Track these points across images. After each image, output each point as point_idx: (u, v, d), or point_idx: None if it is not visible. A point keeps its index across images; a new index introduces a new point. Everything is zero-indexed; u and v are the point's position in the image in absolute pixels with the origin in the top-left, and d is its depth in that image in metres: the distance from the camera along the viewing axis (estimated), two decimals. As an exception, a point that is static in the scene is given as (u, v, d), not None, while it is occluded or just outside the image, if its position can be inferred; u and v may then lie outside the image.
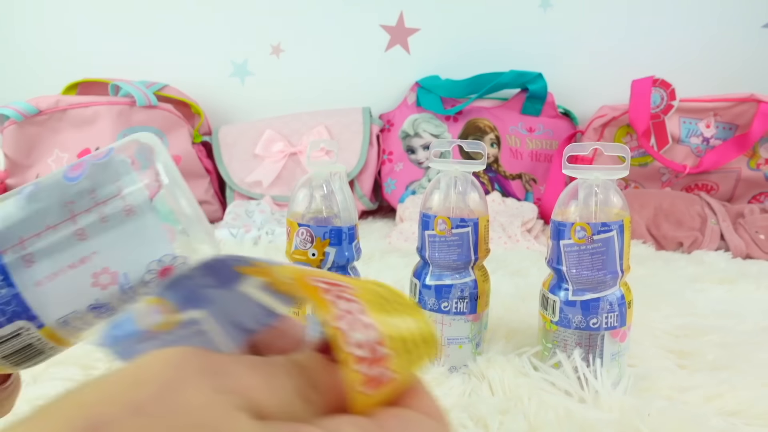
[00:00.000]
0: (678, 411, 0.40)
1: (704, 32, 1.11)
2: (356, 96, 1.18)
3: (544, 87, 1.06)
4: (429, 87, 1.12)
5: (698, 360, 0.48)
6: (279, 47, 1.18)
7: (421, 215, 0.47)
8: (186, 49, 1.17)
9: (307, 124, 1.11)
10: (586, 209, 0.42)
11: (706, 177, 0.99)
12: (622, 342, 0.43)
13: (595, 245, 0.41)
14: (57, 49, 1.17)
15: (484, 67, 1.11)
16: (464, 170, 0.46)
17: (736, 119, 0.97)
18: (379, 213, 1.15)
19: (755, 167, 0.97)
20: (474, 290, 0.46)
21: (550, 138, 1.08)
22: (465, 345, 0.47)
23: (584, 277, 0.42)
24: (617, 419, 0.39)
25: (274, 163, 1.08)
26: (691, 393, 0.43)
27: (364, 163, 1.08)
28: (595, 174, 0.42)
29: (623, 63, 1.12)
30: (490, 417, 0.39)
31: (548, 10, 1.13)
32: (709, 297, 0.64)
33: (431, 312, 0.46)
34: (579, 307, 0.42)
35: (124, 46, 1.17)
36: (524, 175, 1.08)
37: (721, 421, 0.39)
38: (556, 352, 0.44)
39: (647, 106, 0.97)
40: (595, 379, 0.42)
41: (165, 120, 1.06)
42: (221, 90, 1.19)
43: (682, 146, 1.00)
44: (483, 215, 0.46)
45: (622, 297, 0.43)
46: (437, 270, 0.46)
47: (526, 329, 0.52)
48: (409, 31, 1.16)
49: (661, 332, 0.53)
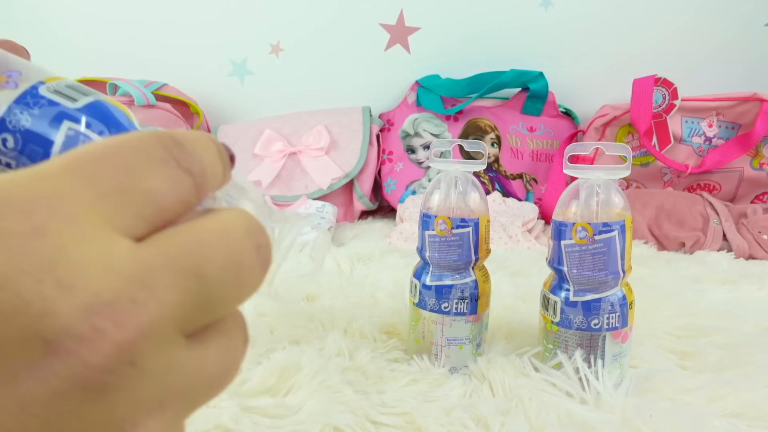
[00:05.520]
0: (680, 412, 0.39)
1: (707, 31, 1.10)
2: (356, 95, 1.17)
3: (545, 86, 1.06)
4: (429, 86, 1.12)
5: (700, 361, 0.48)
6: (278, 46, 1.18)
7: (421, 215, 0.47)
8: (185, 48, 1.17)
9: (306, 123, 1.10)
10: (587, 209, 0.42)
11: (708, 177, 0.99)
12: (624, 343, 0.43)
13: (596, 245, 0.41)
14: (55, 48, 1.16)
15: (484, 67, 1.10)
16: (465, 170, 0.46)
17: (738, 118, 0.97)
18: (379, 213, 1.14)
19: (758, 167, 0.97)
20: (474, 291, 0.46)
21: (551, 138, 1.08)
22: (465, 346, 0.46)
23: (585, 278, 0.42)
24: (619, 420, 0.38)
25: (273, 162, 1.08)
26: (693, 394, 0.42)
27: (364, 163, 1.07)
28: (597, 174, 0.42)
29: (625, 62, 1.11)
30: (491, 418, 0.39)
31: (549, 9, 1.13)
32: (711, 298, 0.64)
33: (431, 312, 0.46)
34: (580, 308, 0.42)
35: (122, 45, 1.16)
36: (525, 175, 1.08)
37: (723, 423, 0.39)
38: (557, 352, 0.44)
39: (649, 106, 0.96)
40: (597, 380, 0.42)
41: (163, 119, 1.05)
42: (220, 89, 1.19)
43: (684, 146, 1.00)
44: (483, 215, 0.46)
45: (624, 297, 0.42)
46: (437, 270, 0.46)
47: (526, 330, 0.52)
48: (409, 30, 1.16)
49: (663, 333, 0.53)
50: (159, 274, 0.12)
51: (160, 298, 0.12)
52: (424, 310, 0.47)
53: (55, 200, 0.12)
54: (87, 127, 0.19)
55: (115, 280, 0.12)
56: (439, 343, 0.46)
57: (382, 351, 0.49)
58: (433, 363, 0.47)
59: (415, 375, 0.45)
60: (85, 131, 0.19)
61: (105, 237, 0.12)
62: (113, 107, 0.20)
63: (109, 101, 0.21)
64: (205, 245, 0.13)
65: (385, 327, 0.53)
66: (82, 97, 0.20)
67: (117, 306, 0.11)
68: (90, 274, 0.11)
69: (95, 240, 0.12)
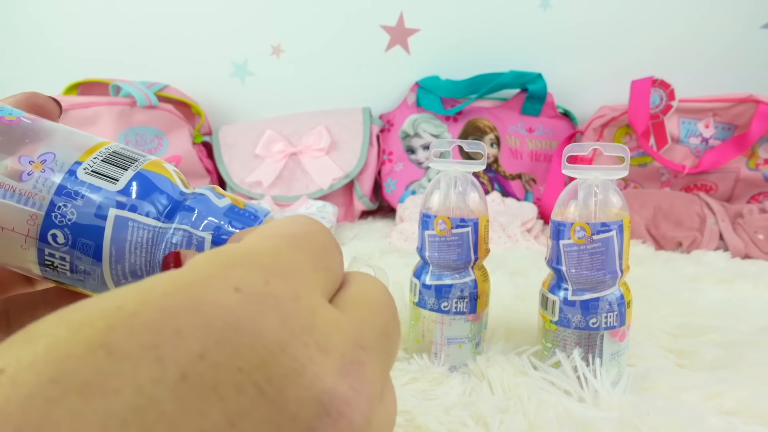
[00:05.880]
0: (677, 410, 0.40)
1: (704, 33, 1.11)
2: (356, 96, 1.18)
3: (543, 87, 1.07)
4: (429, 87, 1.12)
5: (697, 359, 0.49)
6: (279, 47, 1.18)
7: (421, 215, 0.47)
8: (186, 49, 1.18)
9: (307, 124, 1.11)
10: (585, 209, 0.42)
11: (705, 177, 0.99)
12: (622, 341, 0.44)
13: (594, 245, 0.41)
14: (58, 49, 1.17)
15: (483, 68, 1.11)
16: (464, 170, 0.46)
17: (734, 120, 0.98)
18: (379, 213, 1.15)
19: (754, 167, 0.97)
20: (474, 290, 0.46)
21: (550, 138, 1.09)
22: (465, 345, 0.47)
23: (584, 277, 0.42)
24: (616, 418, 0.39)
25: (274, 163, 1.08)
26: (690, 392, 0.43)
27: (364, 163, 1.08)
28: (595, 174, 0.42)
29: (623, 63, 1.12)
30: (491, 416, 0.39)
31: (548, 11, 1.13)
32: (708, 297, 0.65)
33: (431, 311, 0.47)
34: (578, 307, 0.43)
35: (124, 46, 1.17)
36: (524, 175, 1.09)
37: (719, 420, 0.39)
38: (556, 351, 0.44)
39: (646, 107, 0.97)
40: (595, 378, 0.42)
41: (165, 120, 1.06)
42: (222, 90, 1.19)
43: (681, 146, 1.00)
44: (483, 215, 0.46)
45: (622, 297, 0.43)
46: (437, 270, 0.47)
47: (525, 329, 0.52)
48: (409, 31, 1.17)
49: (660, 332, 0.53)
50: (366, 334, 0.13)
51: (372, 356, 0.13)
52: (423, 309, 0.47)
53: (295, 269, 0.13)
54: (132, 210, 0.18)
55: (347, 341, 0.12)
56: (438, 342, 0.47)
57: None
58: (433, 362, 0.47)
59: (414, 373, 0.46)
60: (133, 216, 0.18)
61: (325, 300, 0.13)
62: (155, 176, 0.19)
63: (149, 168, 0.20)
64: (380, 306, 0.15)
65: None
66: (121, 173, 0.19)
67: (355, 367, 0.12)
68: (334, 338, 0.12)
69: (324, 302, 0.13)
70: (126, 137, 1.04)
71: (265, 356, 0.11)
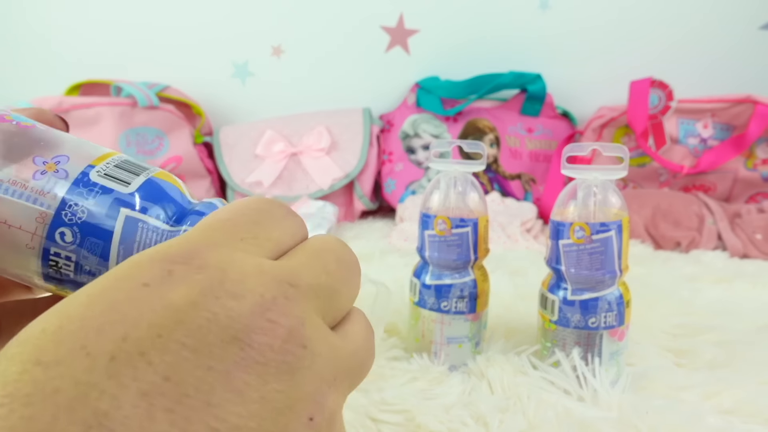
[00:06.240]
0: (676, 409, 0.40)
1: (702, 34, 1.11)
2: (356, 96, 1.18)
3: (543, 88, 1.07)
4: (429, 88, 1.12)
5: (696, 359, 0.49)
6: (279, 48, 1.18)
7: (421, 215, 0.47)
8: (187, 50, 1.18)
9: (307, 124, 1.11)
10: (584, 209, 0.43)
11: (703, 177, 1.00)
12: (621, 341, 0.44)
13: (593, 245, 0.42)
14: (60, 50, 1.17)
15: (483, 68, 1.11)
16: (464, 170, 0.46)
17: (733, 120, 0.98)
18: (379, 213, 1.15)
19: (752, 168, 0.98)
20: (473, 290, 0.46)
21: (549, 138, 1.09)
22: (464, 344, 0.47)
23: (583, 277, 0.42)
24: (616, 417, 0.39)
25: (274, 163, 1.08)
26: (688, 391, 0.43)
27: (364, 164, 1.08)
28: (594, 174, 0.43)
29: (622, 64, 1.12)
30: (490, 415, 0.39)
31: (547, 12, 1.14)
32: (706, 296, 0.65)
33: (431, 311, 0.47)
34: (578, 307, 0.43)
35: (126, 47, 1.17)
36: (523, 176, 1.09)
37: (718, 419, 0.39)
38: (555, 351, 0.45)
39: (645, 107, 0.97)
40: (594, 377, 0.42)
41: (166, 120, 1.06)
42: (222, 91, 1.19)
43: (679, 147, 1.01)
44: (482, 215, 0.46)
45: (621, 296, 0.43)
46: (437, 270, 0.47)
47: (525, 328, 0.52)
48: (409, 32, 1.17)
49: (659, 331, 0.53)
50: (299, 274, 0.15)
51: (305, 292, 0.15)
52: (423, 308, 0.47)
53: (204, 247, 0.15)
54: (143, 212, 0.19)
55: (269, 282, 0.14)
56: (438, 341, 0.47)
57: (382, 349, 0.49)
58: (433, 361, 0.47)
59: (414, 373, 0.46)
60: (143, 217, 0.19)
61: (250, 257, 0.15)
62: (165, 183, 0.20)
63: (159, 176, 0.20)
64: (321, 252, 0.17)
65: (385, 326, 0.54)
66: (133, 177, 0.19)
67: (278, 302, 0.14)
68: (250, 282, 0.14)
69: (244, 259, 0.15)
70: (127, 137, 1.04)
71: (179, 317, 0.13)
